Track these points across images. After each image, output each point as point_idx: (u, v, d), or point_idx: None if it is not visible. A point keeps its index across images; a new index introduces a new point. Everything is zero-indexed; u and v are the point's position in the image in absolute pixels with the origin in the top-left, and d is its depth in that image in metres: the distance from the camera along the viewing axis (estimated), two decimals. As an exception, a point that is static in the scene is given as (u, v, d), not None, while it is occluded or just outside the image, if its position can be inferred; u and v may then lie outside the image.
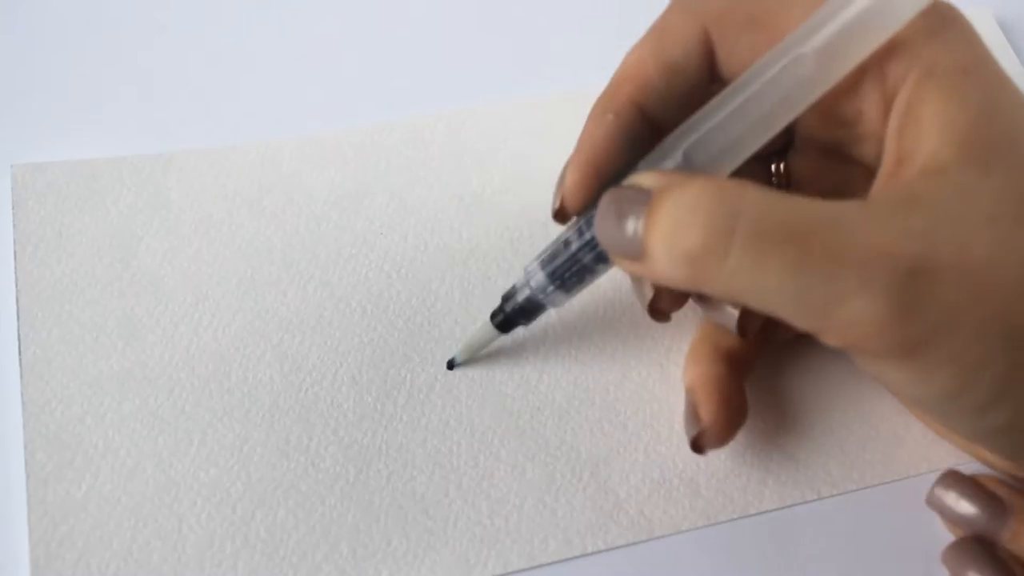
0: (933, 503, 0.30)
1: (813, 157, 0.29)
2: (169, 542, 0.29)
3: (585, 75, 0.38)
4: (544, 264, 0.30)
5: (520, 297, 0.31)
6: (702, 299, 0.30)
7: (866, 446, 0.32)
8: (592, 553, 0.30)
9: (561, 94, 0.40)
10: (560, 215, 0.29)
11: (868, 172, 0.27)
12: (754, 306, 0.24)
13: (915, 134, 0.24)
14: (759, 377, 0.33)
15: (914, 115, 0.24)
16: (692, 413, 0.30)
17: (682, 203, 0.24)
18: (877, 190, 0.25)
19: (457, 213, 0.36)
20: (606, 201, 0.26)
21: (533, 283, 0.30)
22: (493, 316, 0.32)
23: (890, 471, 0.32)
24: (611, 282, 0.35)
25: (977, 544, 0.29)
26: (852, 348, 0.24)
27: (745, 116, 0.25)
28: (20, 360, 0.32)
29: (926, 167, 0.24)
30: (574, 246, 0.29)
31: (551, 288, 0.30)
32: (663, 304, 0.29)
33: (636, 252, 0.25)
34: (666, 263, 0.24)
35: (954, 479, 0.30)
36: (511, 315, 0.31)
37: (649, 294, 0.29)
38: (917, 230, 0.23)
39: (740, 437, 0.32)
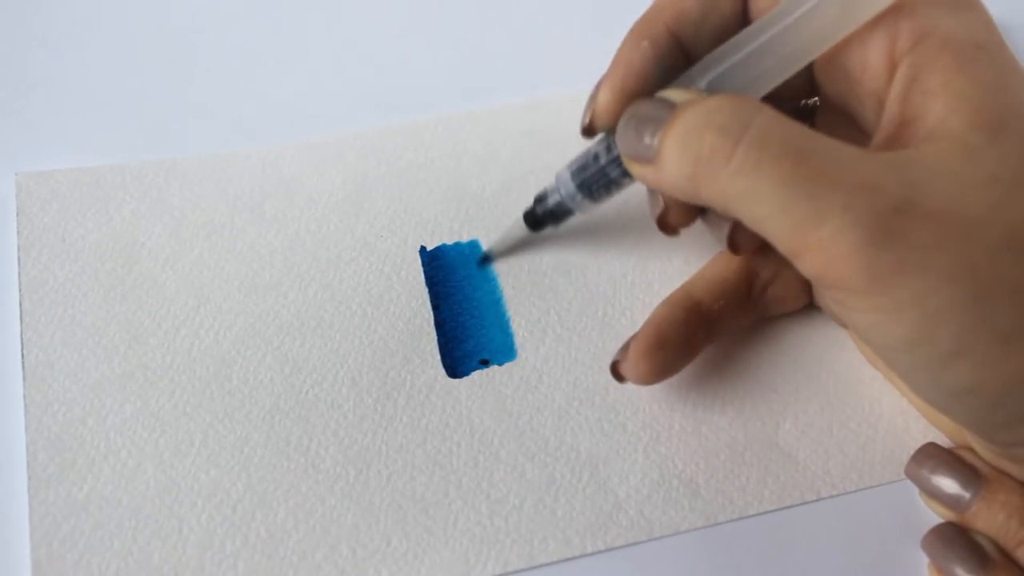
0: (911, 475, 0.31)
1: (839, 120, 0.30)
2: (170, 542, 0.30)
3: (583, 77, 0.38)
4: (574, 175, 0.32)
5: (551, 201, 0.33)
6: (704, 213, 0.31)
7: (866, 447, 0.32)
8: (591, 553, 0.30)
9: (559, 95, 0.40)
10: (589, 131, 0.30)
11: None
12: (745, 215, 0.25)
13: (921, 101, 0.25)
14: (758, 377, 0.33)
15: (922, 82, 0.25)
16: (628, 341, 0.31)
17: (701, 110, 0.25)
18: (875, 148, 0.26)
19: (457, 215, 0.37)
20: (633, 108, 0.28)
21: (563, 191, 0.32)
22: (526, 216, 0.34)
23: (889, 472, 0.32)
24: (610, 281, 0.35)
25: (955, 529, 0.29)
26: (824, 275, 0.24)
27: (770, 53, 0.27)
28: (23, 363, 0.32)
29: (933, 132, 0.25)
30: (603, 160, 0.31)
31: (579, 197, 0.32)
32: (672, 218, 0.31)
33: (649, 155, 0.26)
34: (675, 164, 0.25)
35: (932, 450, 0.31)
36: (541, 217, 0.34)
37: (659, 208, 0.31)
38: (911, 179, 0.24)
39: (739, 437, 0.32)
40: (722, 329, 0.33)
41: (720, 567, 0.30)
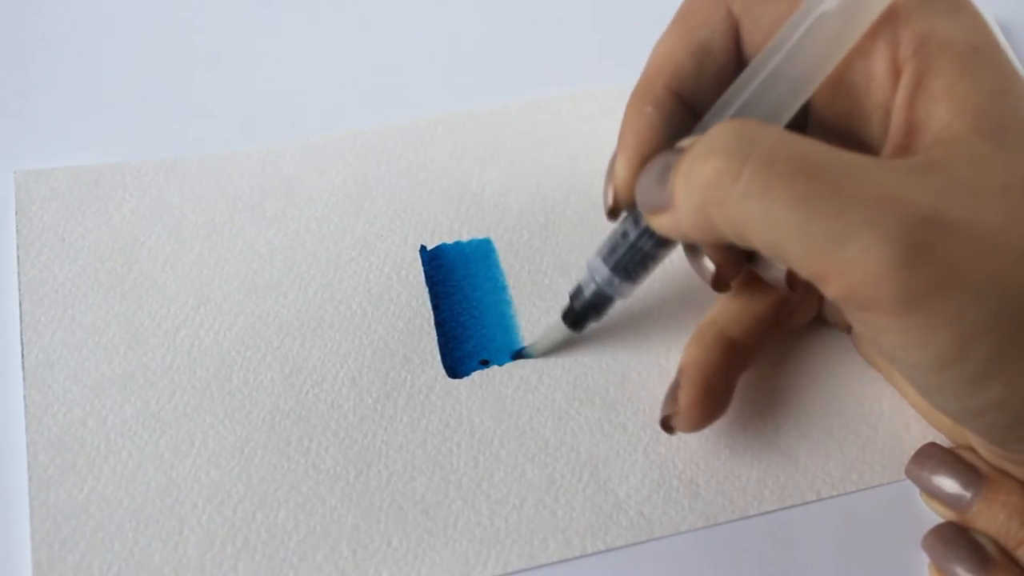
0: (911, 475, 0.31)
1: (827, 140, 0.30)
2: (170, 543, 0.30)
3: (583, 77, 0.38)
4: (606, 258, 0.30)
5: (587, 293, 0.31)
6: (751, 257, 0.30)
7: (866, 447, 0.32)
8: (592, 554, 0.30)
9: (559, 96, 0.40)
10: (614, 211, 0.29)
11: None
12: (760, 242, 0.24)
13: (926, 107, 0.25)
14: (759, 377, 0.33)
15: (925, 88, 0.25)
16: (672, 393, 0.31)
17: (704, 140, 0.24)
18: (886, 156, 0.26)
19: (457, 215, 0.37)
20: (648, 165, 0.27)
21: (599, 278, 0.31)
22: (565, 316, 0.32)
23: (890, 472, 0.32)
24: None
25: (955, 529, 0.29)
26: (851, 297, 0.23)
27: (778, 82, 0.26)
28: (23, 363, 0.32)
29: (939, 137, 0.24)
30: (632, 236, 0.29)
31: (617, 281, 0.30)
32: (723, 275, 0.30)
33: (666, 201, 0.25)
34: (685, 198, 0.25)
35: (932, 451, 0.31)
36: (581, 313, 0.32)
37: (711, 268, 0.30)
38: (931, 187, 0.23)
39: (739, 438, 0.32)
40: (755, 358, 0.32)
41: (720, 568, 0.30)
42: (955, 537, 0.29)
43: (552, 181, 0.37)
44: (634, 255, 0.29)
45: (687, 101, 0.28)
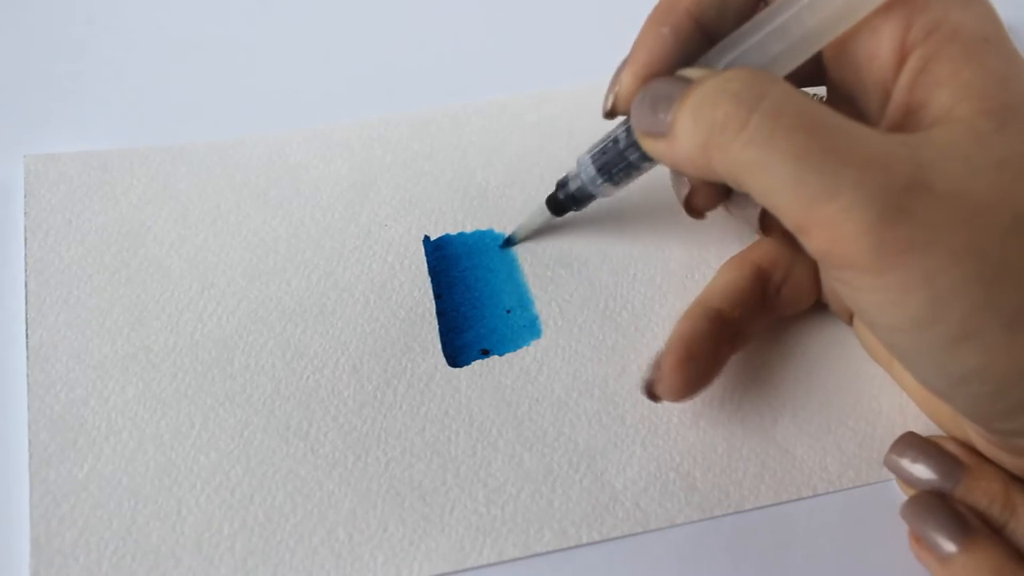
0: (890, 465, 0.31)
1: (846, 110, 0.30)
2: (168, 523, 0.30)
3: (590, 71, 0.38)
4: (595, 158, 0.32)
5: (572, 186, 0.34)
6: (729, 197, 0.31)
7: (863, 444, 0.32)
8: (587, 544, 0.30)
9: (565, 89, 0.40)
10: (611, 114, 0.30)
11: None
12: (755, 187, 0.25)
13: (928, 91, 0.26)
14: (758, 371, 0.33)
15: (930, 72, 0.26)
16: (657, 360, 0.31)
17: (718, 80, 0.25)
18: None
19: (461, 206, 0.37)
20: (649, 85, 0.28)
21: (584, 175, 0.33)
22: (548, 202, 0.35)
23: (887, 470, 0.32)
24: (611, 274, 0.35)
25: (933, 497, 0.29)
26: (831, 252, 0.24)
27: (786, 35, 0.27)
28: (27, 343, 0.33)
29: (939, 119, 0.25)
30: (622, 144, 0.31)
31: (600, 180, 0.32)
32: (698, 200, 0.31)
33: (663, 130, 0.27)
34: (688, 134, 0.26)
35: (910, 441, 0.31)
36: (564, 201, 0.34)
37: (685, 190, 0.31)
38: (922, 159, 0.24)
39: (737, 432, 0.32)
40: (744, 336, 0.33)
41: (715, 561, 0.30)
42: (935, 505, 0.29)
43: (557, 175, 0.37)
44: (619, 162, 0.31)
45: (704, 29, 0.29)
